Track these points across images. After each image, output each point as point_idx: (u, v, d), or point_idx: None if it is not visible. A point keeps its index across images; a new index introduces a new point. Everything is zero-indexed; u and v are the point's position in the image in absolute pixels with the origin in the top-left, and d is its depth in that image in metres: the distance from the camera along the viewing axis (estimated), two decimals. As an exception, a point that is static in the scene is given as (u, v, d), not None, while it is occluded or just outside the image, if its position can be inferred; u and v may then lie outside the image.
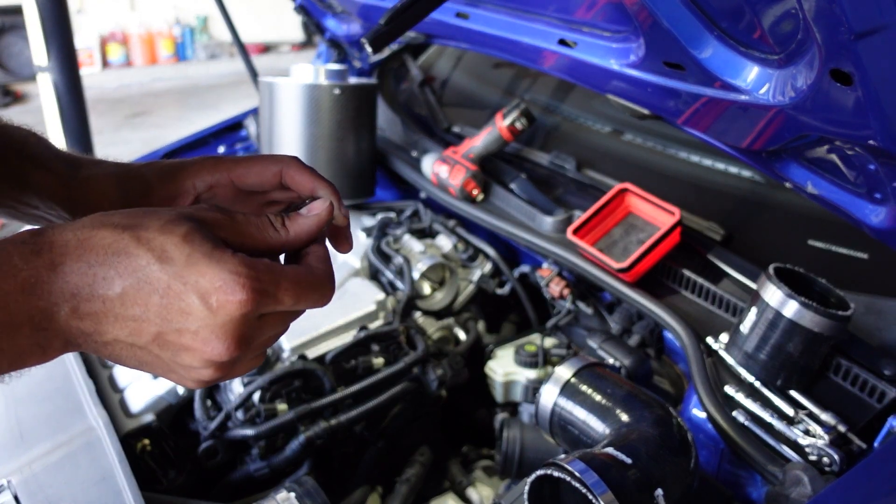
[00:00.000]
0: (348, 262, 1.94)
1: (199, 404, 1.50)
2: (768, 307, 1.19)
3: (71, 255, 0.54)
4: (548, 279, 1.74)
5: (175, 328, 0.55)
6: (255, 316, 0.57)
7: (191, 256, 0.55)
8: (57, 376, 1.42)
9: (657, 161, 1.86)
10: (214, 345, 0.56)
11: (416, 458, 1.63)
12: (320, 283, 0.61)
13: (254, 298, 0.55)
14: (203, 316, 0.55)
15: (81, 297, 0.54)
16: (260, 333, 0.59)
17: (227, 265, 0.55)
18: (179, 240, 0.55)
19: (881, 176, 0.97)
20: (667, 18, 1.05)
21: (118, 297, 0.54)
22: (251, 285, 0.55)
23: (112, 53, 10.44)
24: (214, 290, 0.54)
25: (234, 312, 0.55)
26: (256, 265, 0.57)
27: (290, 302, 0.59)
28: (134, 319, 0.55)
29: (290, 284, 0.58)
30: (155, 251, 0.55)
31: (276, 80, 2.07)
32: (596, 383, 1.19)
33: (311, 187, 0.70)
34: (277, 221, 0.63)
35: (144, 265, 0.54)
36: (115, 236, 0.55)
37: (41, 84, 3.88)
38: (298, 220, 0.64)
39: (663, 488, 0.97)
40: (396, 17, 1.06)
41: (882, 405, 1.15)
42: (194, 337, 0.56)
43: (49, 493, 1.13)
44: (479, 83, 2.49)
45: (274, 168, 0.72)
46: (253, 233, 0.61)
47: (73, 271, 0.54)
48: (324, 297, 0.61)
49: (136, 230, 0.55)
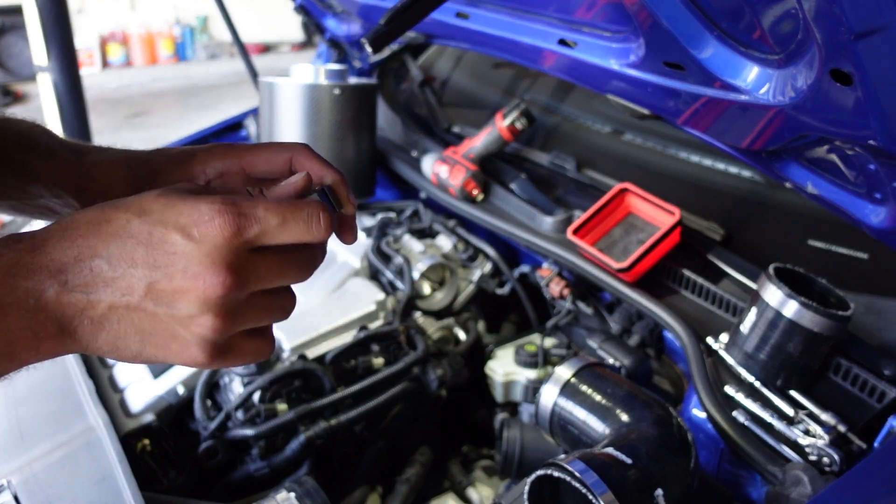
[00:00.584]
0: (348, 262, 1.94)
1: (199, 404, 1.50)
2: (768, 307, 1.19)
3: (53, 236, 0.55)
4: (548, 279, 1.74)
5: (165, 273, 0.54)
6: (242, 242, 0.56)
7: (167, 202, 0.55)
8: (57, 376, 1.42)
9: (657, 161, 1.86)
10: (205, 276, 0.54)
11: (416, 458, 1.63)
12: (305, 203, 0.59)
13: (233, 220, 0.55)
14: (188, 250, 0.54)
15: (68, 271, 0.54)
16: (254, 270, 0.57)
17: (204, 199, 0.56)
18: (155, 196, 0.56)
19: (881, 176, 0.97)
20: (667, 18, 1.05)
21: (104, 260, 0.54)
22: (228, 209, 0.55)
23: (112, 53, 10.44)
24: (194, 223, 0.54)
25: (217, 237, 0.54)
26: (232, 196, 0.57)
27: (276, 220, 0.56)
28: (123, 277, 0.54)
29: (269, 204, 0.57)
30: (132, 209, 0.55)
31: (276, 80, 2.07)
32: (596, 383, 1.19)
33: (320, 174, 0.70)
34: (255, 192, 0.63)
35: (125, 223, 0.55)
36: (95, 212, 0.56)
37: (41, 84, 3.88)
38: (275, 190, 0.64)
39: (663, 488, 0.97)
40: (396, 17, 1.06)
41: (882, 405, 1.15)
42: (184, 275, 0.54)
43: (49, 493, 1.13)
44: (479, 83, 2.49)
45: (284, 155, 0.72)
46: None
47: (55, 248, 0.54)
48: (313, 217, 0.58)
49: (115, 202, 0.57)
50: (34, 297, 0.53)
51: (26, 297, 0.53)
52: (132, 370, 1.58)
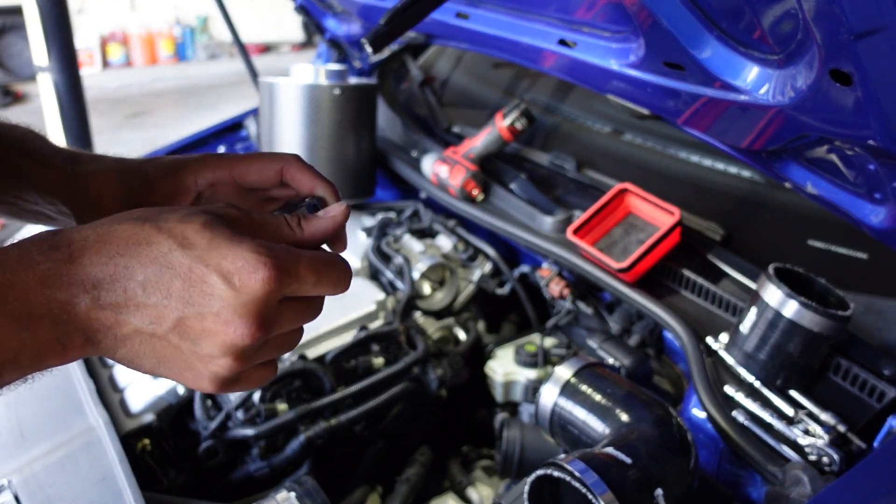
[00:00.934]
0: (348, 262, 1.94)
1: (200, 404, 1.50)
2: (768, 307, 1.20)
3: (90, 248, 0.54)
4: (548, 279, 1.74)
5: (197, 312, 0.55)
6: (278, 296, 0.57)
7: (212, 241, 0.55)
8: (57, 376, 1.42)
9: (657, 161, 1.86)
10: (237, 325, 0.55)
11: (416, 458, 1.63)
12: (336, 262, 0.61)
13: (276, 276, 0.55)
14: (226, 296, 0.55)
15: (102, 288, 0.54)
16: (280, 319, 0.59)
17: (249, 246, 0.55)
18: (200, 227, 0.56)
19: (881, 176, 0.97)
20: (667, 18, 1.05)
21: (140, 285, 0.54)
22: (273, 263, 0.55)
23: (112, 53, 10.44)
24: (237, 271, 0.55)
25: (258, 291, 0.55)
26: (275, 246, 0.57)
27: (312, 279, 0.58)
28: (155, 306, 0.55)
29: (309, 262, 0.58)
30: (176, 238, 0.55)
31: (277, 81, 2.08)
32: (596, 383, 1.19)
33: (310, 185, 0.71)
34: (293, 221, 0.64)
35: (166, 251, 0.55)
36: (135, 228, 0.55)
37: (41, 84, 3.88)
38: (314, 221, 0.65)
39: (663, 488, 0.97)
40: (396, 17, 1.06)
41: (882, 405, 1.15)
42: (216, 319, 0.55)
43: (49, 492, 1.13)
44: (479, 83, 2.49)
45: (275, 166, 0.72)
46: (269, 230, 0.62)
47: (92, 263, 0.54)
48: (343, 275, 0.62)
49: (156, 221, 0.56)
50: (67, 311, 0.53)
51: (60, 310, 0.53)
52: (132, 371, 1.58)
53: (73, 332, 0.54)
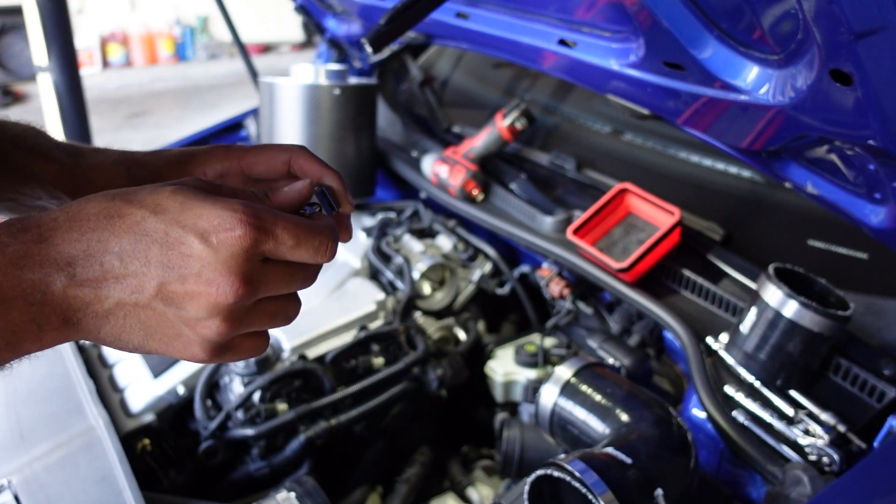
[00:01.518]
0: (348, 262, 1.94)
1: (200, 404, 1.50)
2: (768, 307, 1.20)
3: (61, 227, 0.54)
4: (548, 279, 1.74)
5: (178, 275, 0.54)
6: (258, 254, 0.56)
7: (184, 203, 0.55)
8: (57, 376, 1.42)
9: (657, 161, 1.86)
10: (219, 283, 0.54)
11: (417, 458, 1.63)
12: (318, 230, 0.60)
13: (252, 233, 0.55)
14: (205, 255, 0.54)
15: (77, 264, 0.53)
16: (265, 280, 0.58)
17: (224, 203, 0.55)
18: (170, 193, 0.55)
19: (881, 176, 0.97)
20: (667, 18, 1.05)
21: (116, 256, 0.54)
22: (249, 220, 0.55)
23: (112, 53, 10.44)
24: (213, 229, 0.54)
25: (235, 247, 0.54)
26: (254, 204, 0.57)
27: (290, 242, 0.57)
28: (135, 275, 0.54)
29: (288, 224, 0.58)
30: (148, 206, 0.54)
31: (277, 80, 2.08)
32: (596, 383, 1.19)
33: (318, 175, 0.71)
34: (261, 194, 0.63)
35: (139, 220, 0.54)
36: (105, 203, 0.55)
37: (41, 84, 3.88)
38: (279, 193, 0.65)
39: (663, 488, 0.97)
40: (396, 17, 1.06)
41: (882, 405, 1.15)
42: (198, 279, 0.54)
43: (49, 492, 1.13)
44: (479, 83, 2.49)
45: (283, 157, 0.72)
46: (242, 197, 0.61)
47: (64, 241, 0.53)
48: (323, 245, 0.60)
49: (126, 195, 0.55)
50: (40, 291, 0.52)
51: (33, 290, 0.52)
52: (132, 370, 1.58)
53: (49, 312, 0.53)
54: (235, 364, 1.52)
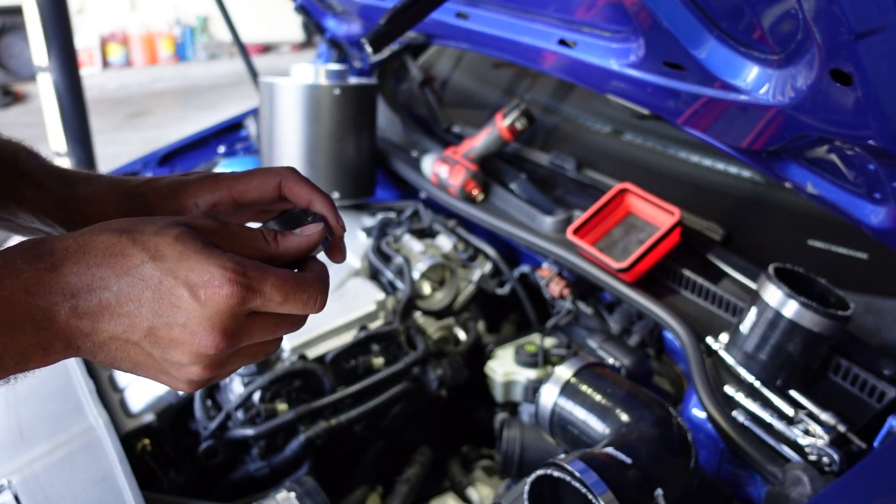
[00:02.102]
0: (348, 262, 1.94)
1: (200, 404, 1.50)
2: (768, 307, 1.20)
3: (70, 258, 0.56)
4: (548, 279, 1.74)
5: (165, 322, 0.57)
6: (244, 311, 0.59)
7: (182, 253, 0.57)
8: (57, 376, 1.42)
9: (657, 161, 1.86)
10: (202, 336, 0.57)
11: (416, 458, 1.63)
12: (308, 284, 0.62)
13: (240, 292, 0.57)
14: (192, 308, 0.57)
15: (80, 297, 0.56)
16: (248, 332, 0.60)
17: (217, 261, 0.57)
18: (172, 239, 0.57)
19: (881, 176, 0.97)
20: (667, 18, 1.05)
21: (114, 294, 0.56)
22: (237, 279, 0.57)
23: (112, 53, 10.44)
24: (203, 284, 0.56)
25: (221, 304, 0.57)
26: (244, 262, 0.59)
27: (278, 299, 0.60)
28: (128, 315, 0.57)
29: (277, 281, 0.60)
30: (149, 251, 0.57)
31: (277, 81, 2.07)
32: (596, 383, 1.19)
33: (307, 199, 0.72)
34: (269, 235, 0.65)
35: (139, 263, 0.57)
36: (112, 239, 0.57)
37: (41, 84, 3.88)
38: (289, 237, 0.66)
39: (663, 488, 0.97)
40: (396, 17, 1.06)
41: (882, 405, 1.15)
42: (183, 329, 0.57)
43: (49, 492, 1.13)
44: (479, 83, 2.49)
45: (273, 181, 0.73)
46: (244, 241, 0.63)
47: (72, 272, 0.56)
48: (312, 299, 0.62)
49: (133, 233, 0.58)
50: (48, 318, 0.55)
51: (42, 317, 0.55)
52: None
53: (53, 338, 0.56)
54: (235, 364, 1.51)
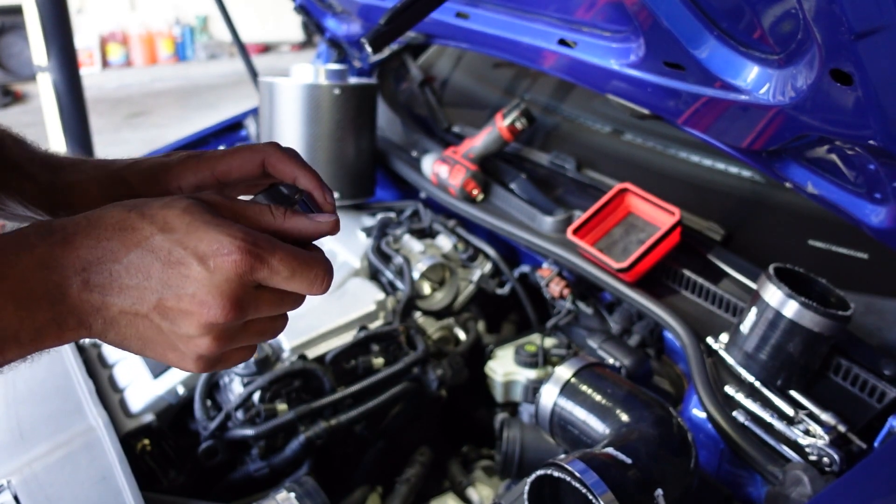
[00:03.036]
0: (348, 262, 1.94)
1: (199, 404, 1.50)
2: (768, 307, 1.19)
3: (81, 232, 0.57)
4: (548, 279, 1.74)
5: (174, 293, 0.57)
6: (251, 281, 0.59)
7: (191, 224, 0.58)
8: (57, 376, 1.42)
9: (657, 161, 1.86)
10: (210, 305, 0.57)
11: (416, 458, 1.63)
12: (315, 263, 0.62)
13: (248, 260, 0.57)
14: (201, 277, 0.57)
15: (91, 270, 0.57)
16: (255, 304, 0.60)
17: (226, 230, 0.58)
18: (180, 211, 0.58)
19: (881, 176, 0.97)
20: (667, 18, 1.05)
21: (123, 267, 0.57)
22: (247, 248, 0.57)
23: (112, 53, 10.44)
24: (212, 253, 0.57)
25: (230, 272, 0.57)
26: (254, 232, 0.59)
27: (286, 273, 0.60)
28: (137, 287, 0.57)
29: (285, 255, 0.60)
30: (158, 223, 0.58)
31: (276, 80, 2.07)
32: (596, 383, 1.19)
33: (293, 175, 0.71)
34: (278, 211, 0.65)
35: (148, 235, 0.57)
36: (122, 214, 0.58)
37: (41, 84, 3.88)
38: (298, 217, 0.65)
39: (663, 488, 0.97)
40: (396, 17, 1.06)
41: (882, 405, 1.15)
42: (192, 299, 0.57)
43: (49, 492, 1.13)
44: (479, 83, 2.49)
45: (256, 159, 0.72)
46: (250, 215, 0.63)
47: (83, 245, 0.57)
48: (318, 278, 0.62)
49: (141, 208, 0.59)
50: (61, 292, 0.56)
51: (55, 291, 0.55)
52: (132, 370, 1.58)
53: (66, 313, 0.57)
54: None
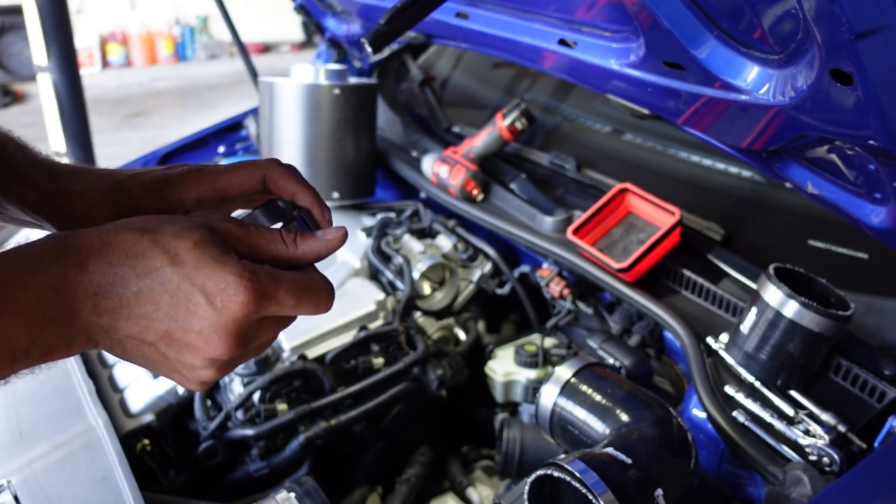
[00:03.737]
0: (348, 262, 1.94)
1: (199, 404, 1.49)
2: (768, 307, 1.19)
3: (95, 255, 0.58)
4: (548, 279, 1.74)
5: (181, 327, 0.59)
6: (256, 317, 0.61)
7: (200, 260, 0.59)
8: (57, 376, 1.42)
9: (657, 161, 1.86)
10: (216, 343, 0.60)
11: (416, 458, 1.63)
12: (318, 287, 0.65)
13: (255, 300, 0.59)
14: (207, 315, 0.59)
15: (101, 295, 0.58)
16: (258, 335, 0.63)
17: (233, 269, 0.59)
18: (191, 245, 0.59)
19: (881, 176, 0.97)
20: (667, 18, 1.05)
21: (133, 295, 0.58)
22: (253, 287, 0.59)
23: (112, 53, 10.44)
24: (219, 292, 0.58)
25: (237, 313, 0.59)
26: (258, 269, 0.61)
27: (291, 303, 0.62)
28: (144, 317, 0.59)
29: (289, 287, 0.62)
30: (169, 254, 0.59)
31: (276, 80, 2.07)
32: (596, 383, 1.19)
33: (293, 192, 0.72)
34: (289, 238, 0.66)
35: (158, 267, 0.58)
36: (135, 239, 0.59)
37: (41, 84, 3.88)
38: (310, 240, 0.67)
39: (663, 488, 0.97)
40: (396, 17, 1.06)
41: (882, 405, 1.15)
42: (198, 336, 0.59)
43: (49, 492, 1.13)
44: (479, 83, 2.49)
45: (257, 175, 0.73)
46: (262, 245, 0.65)
47: (96, 270, 0.58)
48: (321, 301, 0.65)
49: (154, 234, 0.60)
50: (72, 314, 0.57)
51: (67, 313, 0.57)
52: (132, 370, 1.58)
53: (76, 332, 0.58)
54: (235, 364, 1.52)
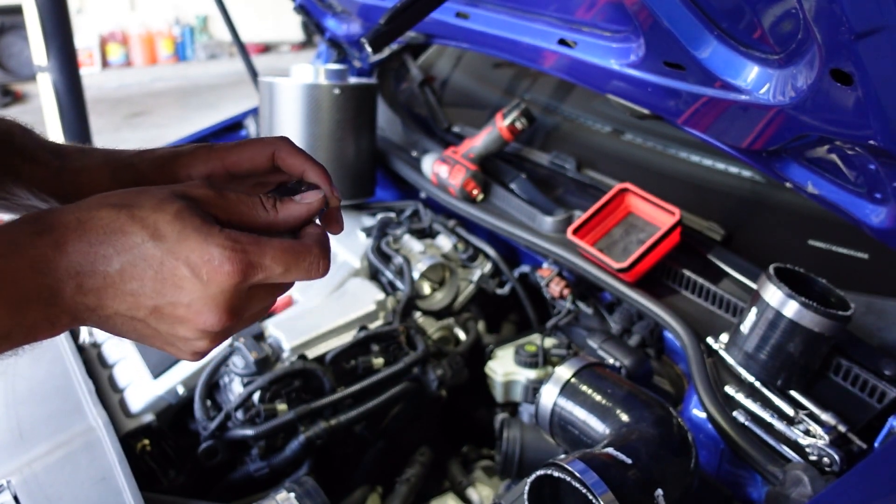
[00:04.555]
0: (348, 262, 1.94)
1: (199, 404, 1.49)
2: (768, 307, 1.19)
3: (72, 234, 0.57)
4: (548, 279, 1.74)
5: (169, 301, 0.58)
6: (245, 286, 0.60)
7: (181, 233, 0.57)
8: (57, 376, 1.42)
9: (657, 161, 1.86)
10: (207, 316, 0.59)
11: (416, 458, 1.63)
12: (307, 251, 0.63)
13: (241, 269, 0.58)
14: (195, 289, 0.58)
15: (84, 274, 0.56)
16: (250, 304, 0.62)
17: (216, 240, 0.58)
18: (171, 217, 0.57)
19: (881, 176, 0.97)
20: (667, 18, 1.05)
21: (117, 273, 0.57)
22: (238, 257, 0.58)
23: (112, 53, 10.44)
24: (204, 264, 0.57)
25: (224, 283, 0.58)
26: (241, 238, 0.59)
27: (279, 270, 0.61)
28: (132, 294, 0.58)
29: (276, 253, 0.60)
30: (148, 228, 0.57)
31: (276, 80, 2.07)
32: (596, 383, 1.19)
33: (301, 169, 0.72)
34: (268, 203, 0.65)
35: (140, 242, 0.57)
36: (112, 215, 0.57)
37: (41, 84, 3.88)
38: (289, 204, 0.66)
39: (663, 488, 0.97)
40: (396, 17, 1.06)
41: (882, 405, 1.15)
42: (188, 309, 0.58)
43: (49, 493, 1.13)
44: (479, 83, 2.49)
45: (266, 151, 0.73)
46: (243, 210, 0.63)
47: (75, 250, 0.56)
48: (314, 265, 0.63)
49: (132, 209, 0.58)
50: (54, 295, 0.56)
51: (49, 294, 0.56)
52: (132, 370, 1.58)
53: (60, 313, 0.57)
54: (235, 364, 1.52)
